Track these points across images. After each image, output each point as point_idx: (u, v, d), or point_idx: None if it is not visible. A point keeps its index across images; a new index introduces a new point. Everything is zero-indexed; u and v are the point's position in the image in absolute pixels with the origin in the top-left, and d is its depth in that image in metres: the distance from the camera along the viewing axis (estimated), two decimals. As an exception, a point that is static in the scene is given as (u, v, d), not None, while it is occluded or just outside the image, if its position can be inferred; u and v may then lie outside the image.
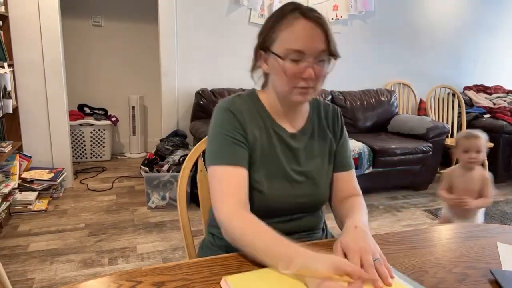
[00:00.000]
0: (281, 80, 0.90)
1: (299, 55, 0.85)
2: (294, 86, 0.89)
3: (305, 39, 0.85)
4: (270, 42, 0.90)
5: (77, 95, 4.02)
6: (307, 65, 0.86)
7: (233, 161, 0.89)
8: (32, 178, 2.78)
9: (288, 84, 0.89)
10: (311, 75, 0.86)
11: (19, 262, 2.05)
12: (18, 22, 2.78)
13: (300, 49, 0.85)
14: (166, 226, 2.53)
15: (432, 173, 3.34)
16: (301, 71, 0.86)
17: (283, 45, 0.87)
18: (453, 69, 4.23)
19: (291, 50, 0.85)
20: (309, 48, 0.85)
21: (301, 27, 0.85)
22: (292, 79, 0.88)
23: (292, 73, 0.87)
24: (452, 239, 0.90)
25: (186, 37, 3.25)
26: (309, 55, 0.85)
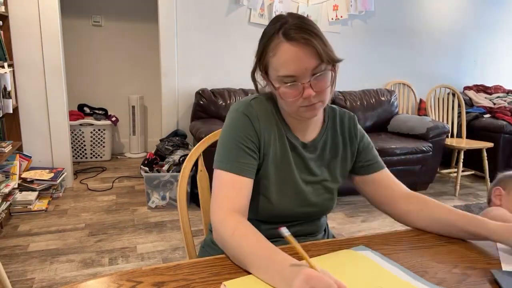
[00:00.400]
0: (283, 103, 0.89)
1: (292, 79, 0.83)
2: (299, 106, 0.87)
3: (293, 63, 0.82)
4: (265, 67, 0.89)
5: (77, 95, 4.02)
6: (303, 86, 0.84)
7: (239, 170, 0.87)
8: (32, 178, 2.78)
9: (291, 106, 0.88)
10: (310, 95, 0.84)
11: (19, 262, 2.05)
12: (18, 22, 2.78)
13: (291, 74, 0.83)
14: (166, 226, 2.53)
15: (432, 173, 3.34)
16: (299, 92, 0.84)
17: (275, 72, 0.85)
18: (453, 69, 4.23)
19: (283, 76, 0.84)
20: (300, 70, 0.82)
21: (286, 52, 0.82)
22: (294, 101, 0.86)
23: (291, 97, 0.85)
24: (452, 239, 0.90)
25: (186, 37, 3.25)
26: (303, 76, 0.83)
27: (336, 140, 1.01)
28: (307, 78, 0.83)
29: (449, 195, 3.29)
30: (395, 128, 3.51)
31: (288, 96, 0.85)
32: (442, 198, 3.22)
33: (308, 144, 0.97)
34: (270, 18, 3.42)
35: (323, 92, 0.86)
